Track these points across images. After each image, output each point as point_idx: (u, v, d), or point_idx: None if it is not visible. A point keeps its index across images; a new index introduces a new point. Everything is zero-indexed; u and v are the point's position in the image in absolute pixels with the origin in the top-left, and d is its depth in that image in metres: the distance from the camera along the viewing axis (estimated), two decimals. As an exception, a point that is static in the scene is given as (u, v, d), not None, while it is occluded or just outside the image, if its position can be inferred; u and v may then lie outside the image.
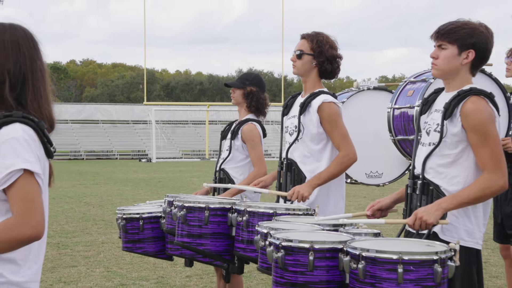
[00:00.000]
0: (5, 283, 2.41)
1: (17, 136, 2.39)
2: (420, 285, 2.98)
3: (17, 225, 2.33)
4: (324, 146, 4.45)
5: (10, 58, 2.48)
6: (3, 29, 2.51)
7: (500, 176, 3.34)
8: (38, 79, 2.52)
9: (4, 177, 2.35)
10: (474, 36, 3.45)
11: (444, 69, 3.50)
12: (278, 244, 3.28)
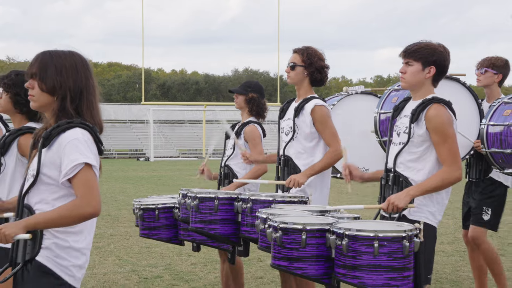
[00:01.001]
0: (68, 247, 3.15)
1: (78, 137, 3.12)
2: (392, 257, 3.74)
3: (81, 205, 3.07)
4: (316, 143, 5.20)
5: (70, 79, 3.21)
6: (63, 55, 3.25)
7: (456, 169, 4.11)
8: (91, 94, 3.25)
9: (70, 169, 3.08)
10: (435, 55, 4.22)
11: (411, 82, 4.26)
12: (276, 226, 4.02)
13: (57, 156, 3.11)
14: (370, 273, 3.75)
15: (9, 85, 4.19)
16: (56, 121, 3.19)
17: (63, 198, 3.14)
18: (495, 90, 6.17)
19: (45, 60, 3.22)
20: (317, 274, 4.00)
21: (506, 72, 6.18)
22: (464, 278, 7.52)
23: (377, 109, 6.00)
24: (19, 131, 4.14)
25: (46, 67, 3.20)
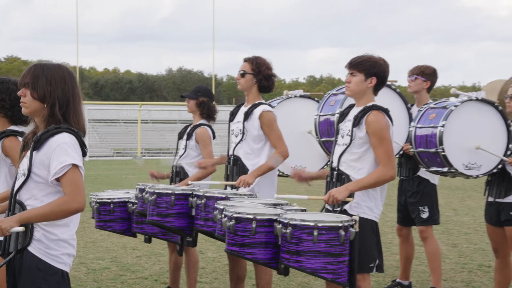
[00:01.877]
0: (57, 239, 3.58)
1: (66, 141, 3.54)
2: (329, 244, 4.29)
3: (69, 201, 3.51)
4: (263, 145, 5.73)
5: (59, 88, 3.63)
6: (53, 68, 3.68)
7: (391, 168, 4.67)
8: (77, 102, 3.68)
9: (59, 169, 3.50)
10: (376, 67, 4.78)
11: (354, 90, 4.81)
12: (230, 215, 4.55)
13: (46, 158, 3.53)
14: (310, 258, 4.29)
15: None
16: (45, 126, 3.61)
17: (51, 195, 3.57)
18: (424, 96, 6.79)
19: (36, 71, 3.65)
20: (265, 258, 4.54)
21: (434, 79, 6.81)
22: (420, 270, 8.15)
23: (317, 111, 6.48)
24: (3, 134, 4.53)
25: (38, 78, 3.62)
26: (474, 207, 14.36)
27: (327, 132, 6.27)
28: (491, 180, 6.01)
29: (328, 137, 6.28)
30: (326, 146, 6.39)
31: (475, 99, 5.88)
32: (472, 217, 12.91)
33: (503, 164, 5.83)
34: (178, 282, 6.79)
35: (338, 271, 4.32)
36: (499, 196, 5.90)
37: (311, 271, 4.32)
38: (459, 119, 5.80)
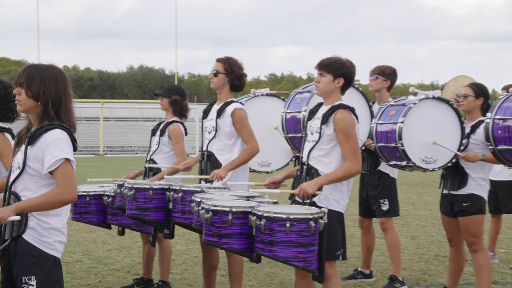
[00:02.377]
0: (50, 228, 3.87)
1: (59, 137, 3.83)
2: (301, 235, 4.61)
3: (62, 193, 3.80)
4: (235, 141, 6.06)
5: (52, 87, 3.92)
6: (46, 68, 3.96)
7: (357, 163, 5.01)
8: (68, 100, 3.97)
9: (53, 163, 3.79)
10: (344, 68, 5.11)
11: (323, 90, 5.14)
12: (208, 208, 4.85)
13: (40, 152, 3.82)
14: (283, 248, 4.60)
15: None
16: (39, 123, 3.89)
17: (44, 186, 3.86)
18: (384, 94, 7.21)
19: (31, 71, 3.93)
20: (240, 248, 4.84)
21: (393, 79, 7.23)
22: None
23: (284, 109, 6.78)
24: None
25: (32, 78, 3.91)
26: (432, 202, 14.90)
27: (293, 129, 6.59)
28: (446, 173, 6.41)
29: (294, 134, 6.60)
30: (292, 142, 6.72)
31: (432, 97, 6.29)
32: (430, 211, 13.44)
33: (457, 158, 6.24)
34: (150, 273, 7.11)
35: (309, 260, 4.65)
36: (452, 188, 6.32)
37: (284, 260, 4.65)
38: (417, 116, 6.18)
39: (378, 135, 6.38)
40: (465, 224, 6.25)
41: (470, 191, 6.21)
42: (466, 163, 6.21)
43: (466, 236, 6.29)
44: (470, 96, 6.37)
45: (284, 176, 5.48)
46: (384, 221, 7.17)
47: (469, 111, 6.40)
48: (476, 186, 6.23)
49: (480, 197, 6.23)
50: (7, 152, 4.79)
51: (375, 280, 7.47)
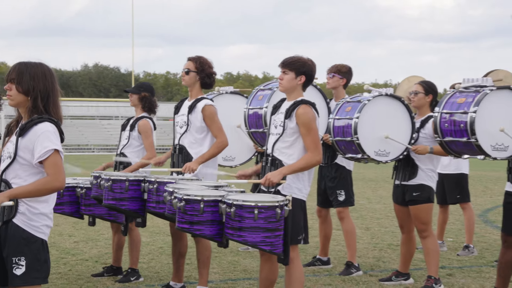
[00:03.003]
0: (39, 213, 4.22)
1: (48, 129, 4.17)
2: (268, 221, 5.00)
3: (51, 181, 4.16)
4: (205, 135, 6.46)
5: (41, 83, 4.25)
6: (35, 65, 4.29)
7: (317, 154, 5.43)
8: (56, 95, 4.30)
9: (43, 153, 4.13)
10: (305, 66, 5.53)
11: (286, 86, 5.56)
12: (181, 197, 5.22)
13: (31, 143, 4.16)
14: (251, 233, 4.99)
15: None
16: (29, 116, 4.23)
17: (34, 175, 4.21)
18: (340, 92, 7.69)
19: (21, 68, 4.27)
20: (211, 234, 5.24)
21: (349, 77, 7.73)
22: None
23: (246, 105, 7.15)
24: None
25: (22, 74, 4.25)
26: (386, 196, 15.58)
27: (255, 124, 6.99)
28: (397, 165, 6.95)
29: (256, 129, 7.00)
30: (254, 137, 7.11)
31: (385, 94, 6.80)
32: (384, 205, 14.08)
33: (408, 151, 6.77)
34: (120, 261, 7.49)
35: (275, 244, 5.05)
36: (404, 179, 6.86)
37: (252, 244, 5.04)
38: (371, 112, 6.66)
39: (335, 130, 6.83)
40: (416, 212, 6.77)
41: (420, 182, 6.76)
42: (416, 156, 6.75)
43: (416, 224, 6.82)
44: (420, 93, 6.92)
45: (253, 171, 5.90)
46: (341, 211, 7.66)
47: (419, 107, 6.95)
48: (426, 176, 6.78)
49: (429, 187, 6.78)
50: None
51: (333, 266, 7.98)
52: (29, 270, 4.13)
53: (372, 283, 7.11)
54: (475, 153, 5.97)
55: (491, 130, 5.87)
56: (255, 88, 7.32)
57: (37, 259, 4.16)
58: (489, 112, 5.87)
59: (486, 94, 5.89)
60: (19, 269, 4.12)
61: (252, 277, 7.24)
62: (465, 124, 5.86)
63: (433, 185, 6.83)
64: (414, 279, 7.15)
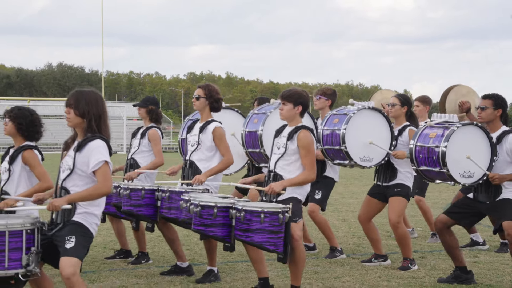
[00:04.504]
0: (91, 213, 5.11)
1: (100, 145, 5.07)
2: (272, 224, 5.88)
3: (100, 187, 5.05)
4: (214, 154, 7.25)
5: (94, 108, 5.13)
6: (89, 93, 5.18)
7: (313, 173, 6.27)
8: (105, 117, 5.19)
9: (96, 164, 5.02)
10: (301, 98, 6.36)
11: (286, 116, 6.37)
12: (197, 203, 6.08)
13: (86, 157, 5.05)
14: (258, 234, 5.89)
15: (14, 116, 5.92)
16: (84, 135, 5.12)
17: (88, 184, 5.10)
18: (326, 111, 8.40)
19: (78, 95, 5.15)
20: (223, 235, 6.11)
21: (334, 98, 8.56)
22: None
23: (243, 127, 7.90)
24: (22, 148, 5.89)
25: (79, 100, 5.13)
26: (357, 192, 16.78)
27: (252, 145, 7.75)
28: (379, 168, 7.87)
29: (253, 149, 7.76)
30: (251, 156, 7.86)
31: (368, 107, 7.68)
32: (356, 199, 15.15)
33: (389, 156, 7.66)
34: (127, 245, 8.40)
35: (277, 244, 5.93)
36: (384, 181, 7.79)
37: (258, 244, 5.94)
38: (356, 123, 7.50)
39: (324, 139, 7.66)
40: (394, 203, 7.71)
41: (399, 182, 7.74)
42: (396, 160, 7.68)
43: (391, 215, 7.71)
44: (397, 105, 7.86)
45: (253, 179, 6.79)
46: (312, 208, 8.41)
47: (396, 117, 7.89)
48: (404, 177, 7.76)
49: (407, 186, 7.78)
50: (37, 164, 5.89)
51: (318, 251, 8.84)
52: (76, 246, 5.01)
53: (355, 264, 8.06)
54: (446, 179, 6.89)
55: (459, 159, 6.79)
56: (250, 112, 8.06)
57: (83, 242, 5.07)
58: (457, 145, 6.79)
59: (453, 131, 6.80)
60: (69, 243, 5.02)
61: (247, 260, 7.84)
62: (437, 156, 6.78)
63: (410, 185, 7.81)
64: (391, 261, 8.12)
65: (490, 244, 9.25)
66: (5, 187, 5.89)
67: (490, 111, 6.93)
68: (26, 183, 5.90)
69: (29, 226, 5.07)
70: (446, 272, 7.52)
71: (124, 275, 7.41)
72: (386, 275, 7.43)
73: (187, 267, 7.46)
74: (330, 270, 7.71)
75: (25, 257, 5.04)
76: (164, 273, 7.46)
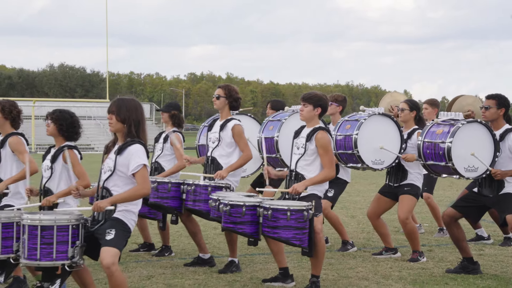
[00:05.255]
0: (130, 211, 5.60)
1: (139, 149, 5.55)
2: (298, 221, 6.41)
3: (140, 189, 5.52)
4: (234, 150, 7.75)
5: (133, 114, 5.62)
6: (129, 100, 5.66)
7: (332, 171, 6.75)
8: (144, 123, 5.68)
9: (136, 167, 5.50)
10: (321, 101, 6.87)
11: (306, 117, 6.87)
12: (226, 202, 6.58)
13: (127, 160, 5.53)
14: (285, 230, 6.43)
15: (56, 118, 6.39)
16: (124, 139, 5.61)
17: (128, 184, 5.58)
18: (337, 117, 8.94)
19: (119, 103, 5.65)
20: (251, 232, 6.63)
21: (344, 104, 9.09)
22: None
23: (259, 134, 8.40)
24: (63, 148, 6.36)
25: (120, 107, 5.63)
26: (363, 190, 17.46)
27: (268, 150, 8.19)
28: (390, 170, 8.38)
29: (269, 154, 8.22)
30: (269, 161, 8.25)
31: (378, 113, 8.20)
32: (362, 197, 15.76)
33: (399, 159, 8.19)
34: (150, 238, 8.96)
35: (303, 239, 6.46)
36: (395, 182, 8.31)
37: (285, 239, 6.48)
38: (367, 129, 8.01)
39: (337, 144, 8.17)
40: (404, 200, 8.21)
41: (409, 182, 8.26)
42: (406, 162, 8.19)
43: (400, 212, 8.21)
44: (406, 109, 8.38)
45: (279, 175, 7.35)
46: (324, 204, 8.72)
47: (405, 121, 8.42)
48: (414, 178, 8.28)
49: (417, 186, 8.30)
50: (77, 163, 6.33)
51: (331, 245, 9.38)
52: (116, 238, 5.47)
53: (367, 257, 8.60)
54: (452, 173, 7.48)
55: (464, 155, 7.35)
56: (266, 119, 8.61)
57: (122, 236, 5.54)
58: (462, 141, 7.35)
59: (459, 128, 7.37)
60: (109, 235, 5.48)
61: (265, 253, 8.59)
62: (443, 151, 7.36)
63: (419, 185, 8.33)
64: (401, 254, 8.65)
65: (494, 239, 9.81)
66: (47, 184, 6.31)
67: (494, 110, 7.49)
68: (66, 181, 6.32)
69: (74, 222, 5.58)
70: (453, 263, 8.07)
71: (150, 266, 7.94)
72: (397, 266, 7.99)
73: (209, 258, 7.99)
74: (343, 262, 8.25)
75: (70, 249, 5.54)
76: (187, 264, 7.98)
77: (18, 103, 7.30)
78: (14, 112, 6.95)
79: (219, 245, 9.25)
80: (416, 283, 7.17)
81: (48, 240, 5.52)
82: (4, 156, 6.85)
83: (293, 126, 7.42)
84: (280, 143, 8.09)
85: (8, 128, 6.92)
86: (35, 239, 5.54)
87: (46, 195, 6.28)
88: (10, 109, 6.92)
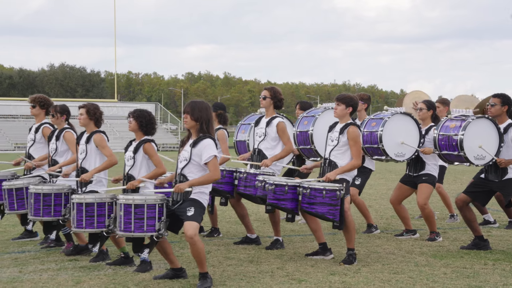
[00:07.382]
0: (203, 192, 6.83)
1: (210, 143, 6.78)
2: (331, 199, 7.71)
3: (212, 175, 6.76)
4: (277, 143, 9.03)
5: (204, 114, 6.86)
6: (201, 102, 6.93)
7: (359, 160, 8.04)
8: (212, 121, 6.89)
9: (208, 157, 6.73)
10: (352, 101, 8.15)
11: (340, 114, 8.14)
12: (272, 183, 7.89)
13: (200, 152, 6.75)
14: (321, 206, 7.76)
15: (137, 116, 7.56)
16: (197, 135, 6.82)
17: (200, 171, 6.80)
18: (363, 113, 10.22)
19: (193, 104, 6.89)
20: (292, 207, 7.98)
21: (369, 102, 10.41)
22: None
23: (295, 128, 9.55)
24: (144, 141, 7.53)
25: (194, 108, 6.85)
26: (374, 184, 18.83)
27: (303, 142, 9.41)
28: (410, 162, 9.62)
29: (304, 146, 9.39)
30: (302, 151, 9.49)
31: (400, 112, 9.42)
32: (375, 190, 17.16)
33: (418, 152, 9.44)
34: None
35: (335, 214, 7.76)
36: (414, 172, 9.56)
37: (321, 214, 7.77)
38: (391, 126, 9.25)
39: (364, 139, 9.38)
40: (422, 188, 9.46)
41: (427, 172, 9.52)
42: (424, 155, 9.44)
43: (419, 198, 9.47)
44: (424, 109, 9.65)
45: (313, 166, 8.70)
46: (352, 191, 9.99)
47: (423, 119, 9.68)
48: (431, 168, 9.54)
49: (433, 176, 9.57)
50: (154, 153, 7.48)
51: (357, 228, 10.49)
52: (195, 214, 6.70)
53: (390, 237, 9.92)
54: (463, 161, 8.89)
55: (473, 146, 8.78)
56: (300, 115, 9.74)
57: (199, 212, 6.76)
58: (472, 134, 8.77)
59: (469, 122, 8.80)
60: (190, 212, 6.71)
61: (300, 234, 9.90)
62: (456, 142, 8.77)
63: (436, 175, 9.60)
64: (419, 235, 9.93)
65: (499, 223, 11.15)
66: (130, 171, 7.45)
67: (498, 107, 8.87)
68: (146, 169, 7.48)
69: (160, 201, 6.90)
70: (466, 242, 9.37)
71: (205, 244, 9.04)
72: (418, 244, 9.27)
73: (255, 238, 9.22)
74: (370, 241, 9.53)
75: (157, 223, 6.86)
76: (237, 243, 9.22)
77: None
78: (97, 114, 8.13)
79: (258, 229, 10.45)
80: (436, 257, 8.41)
81: (140, 215, 6.84)
82: (89, 150, 8.03)
83: (325, 121, 8.73)
84: (315, 136, 9.19)
85: (92, 127, 8.11)
86: (129, 215, 6.88)
87: (129, 180, 7.42)
88: (94, 111, 8.12)
